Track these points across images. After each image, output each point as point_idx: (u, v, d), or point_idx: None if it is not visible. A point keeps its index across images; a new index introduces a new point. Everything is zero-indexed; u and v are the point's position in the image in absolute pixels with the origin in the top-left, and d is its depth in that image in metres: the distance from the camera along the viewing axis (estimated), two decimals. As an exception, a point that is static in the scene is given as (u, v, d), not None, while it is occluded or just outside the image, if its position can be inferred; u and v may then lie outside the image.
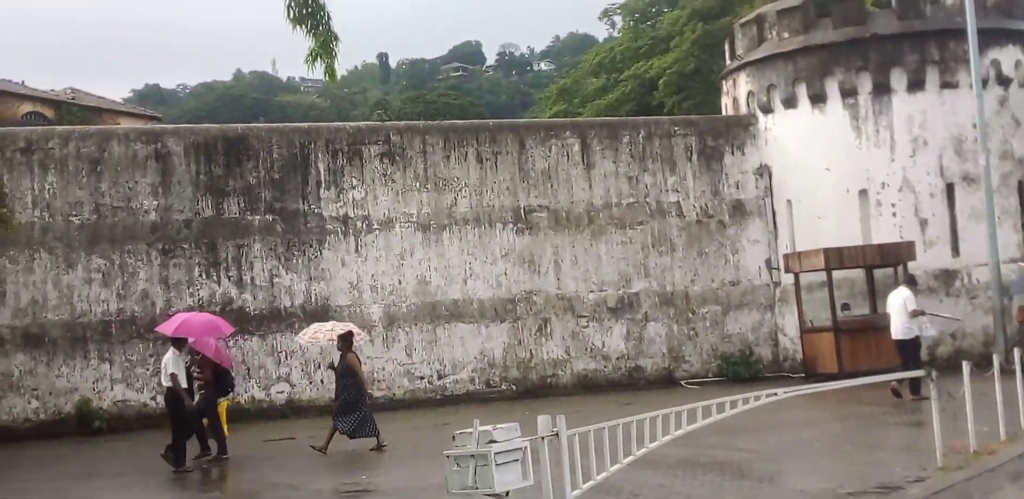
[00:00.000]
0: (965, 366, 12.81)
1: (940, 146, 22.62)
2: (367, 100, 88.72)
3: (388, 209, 22.57)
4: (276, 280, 21.90)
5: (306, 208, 22.20)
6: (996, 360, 16.75)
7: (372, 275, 22.33)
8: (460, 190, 22.97)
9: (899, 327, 17.36)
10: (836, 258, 21.14)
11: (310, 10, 9.16)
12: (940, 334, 22.06)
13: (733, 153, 24.55)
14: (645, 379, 23.38)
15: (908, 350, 17.24)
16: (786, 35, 24.01)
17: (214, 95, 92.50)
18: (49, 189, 21.05)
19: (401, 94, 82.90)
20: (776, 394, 9.36)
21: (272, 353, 21.69)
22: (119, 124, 37.13)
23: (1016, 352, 13.47)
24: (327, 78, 9.64)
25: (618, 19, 42.77)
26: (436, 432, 16.70)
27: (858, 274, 22.69)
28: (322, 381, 21.67)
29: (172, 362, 15.10)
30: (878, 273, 22.54)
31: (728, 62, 26.35)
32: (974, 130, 21.92)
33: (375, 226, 22.47)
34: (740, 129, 24.74)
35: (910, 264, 21.80)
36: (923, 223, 22.62)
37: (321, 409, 21.34)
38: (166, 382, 15.23)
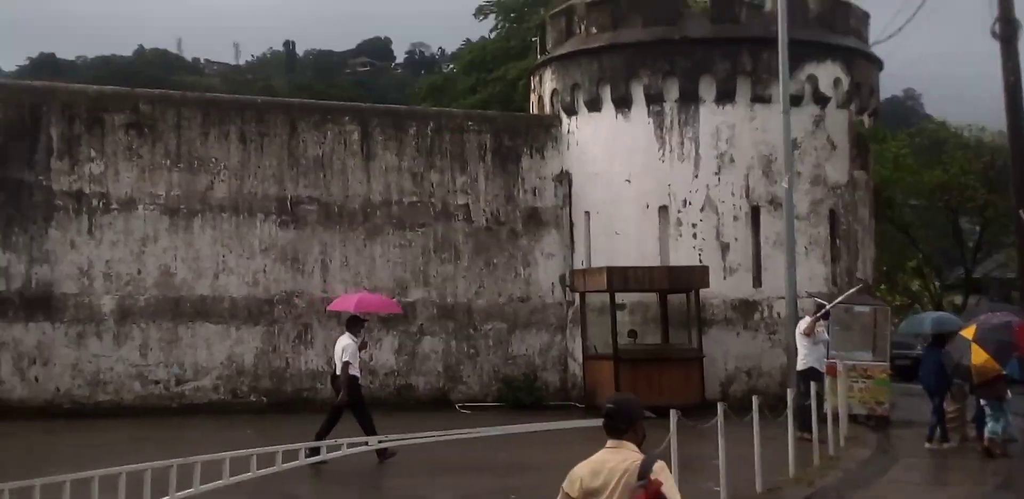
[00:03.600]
0: (755, 402, 13.98)
1: (747, 165, 24.11)
2: (271, 87, 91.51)
3: (131, 188, 22.51)
4: (-10, 260, 21.57)
5: (33, 179, 21.92)
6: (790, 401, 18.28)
7: (107, 261, 22.21)
8: (218, 173, 23.11)
9: (798, 359, 19.09)
10: (620, 279, 22.26)
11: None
12: (735, 372, 23.59)
13: (532, 156, 25.53)
14: (416, 399, 23.93)
15: (807, 383, 18.35)
16: (594, 30, 25.21)
17: (110, 69, 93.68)
18: None
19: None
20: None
21: (-23, 345, 21.31)
22: None
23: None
24: None
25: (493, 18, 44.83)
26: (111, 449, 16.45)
27: (653, 299, 23.96)
28: (36, 379, 21.43)
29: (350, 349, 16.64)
30: (673, 300, 23.84)
31: (539, 57, 27.45)
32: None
33: (114, 206, 22.37)
34: (541, 130, 25.78)
35: (704, 292, 23.22)
36: (725, 248, 24.01)
37: (33, 411, 21.09)
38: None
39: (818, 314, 19.20)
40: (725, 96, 24.20)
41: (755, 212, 24.10)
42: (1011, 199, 21.99)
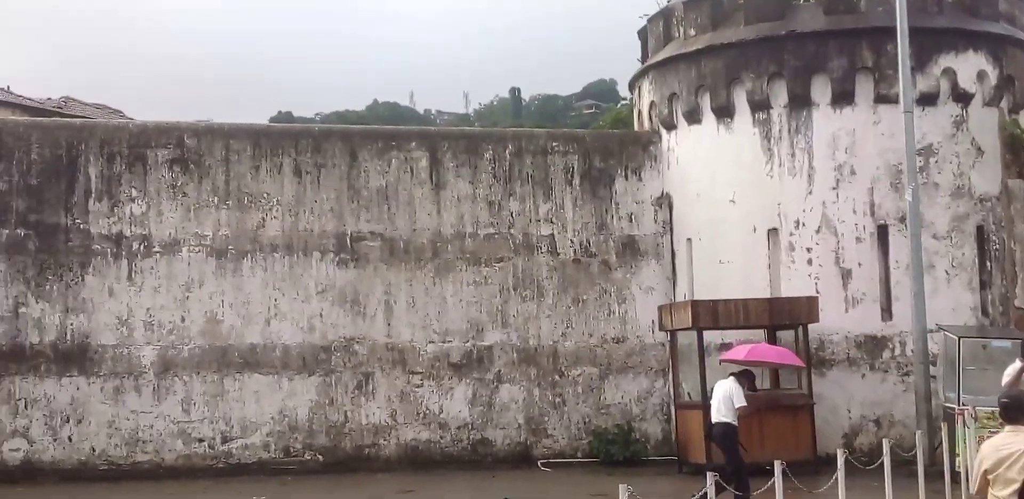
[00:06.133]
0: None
1: (871, 177, 20.54)
2: None
3: (175, 228, 20.92)
4: (22, 310, 20.25)
5: (69, 223, 20.61)
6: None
7: (147, 309, 20.62)
8: (270, 209, 21.26)
9: None
10: (708, 314, 19.05)
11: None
12: (861, 421, 20.13)
13: (627, 178, 22.66)
14: (493, 456, 21.35)
15: None
16: (692, 33, 22.23)
17: (342, 123, 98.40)
18: None
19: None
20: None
21: (8, 401, 19.98)
22: None
23: None
24: None
25: None
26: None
27: (761, 337, 20.59)
28: (70, 438, 19.97)
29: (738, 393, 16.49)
30: (786, 337, 20.44)
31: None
32: (918, 158, 19.96)
33: (156, 249, 20.81)
34: (638, 148, 22.88)
35: (822, 327, 19.83)
36: (846, 275, 20.46)
37: (66, 473, 19.67)
38: (725, 417, 16.39)
39: None
40: (842, 98, 20.76)
41: (882, 232, 20.50)
42: None
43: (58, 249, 20.51)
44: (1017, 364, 15.51)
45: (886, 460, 15.32)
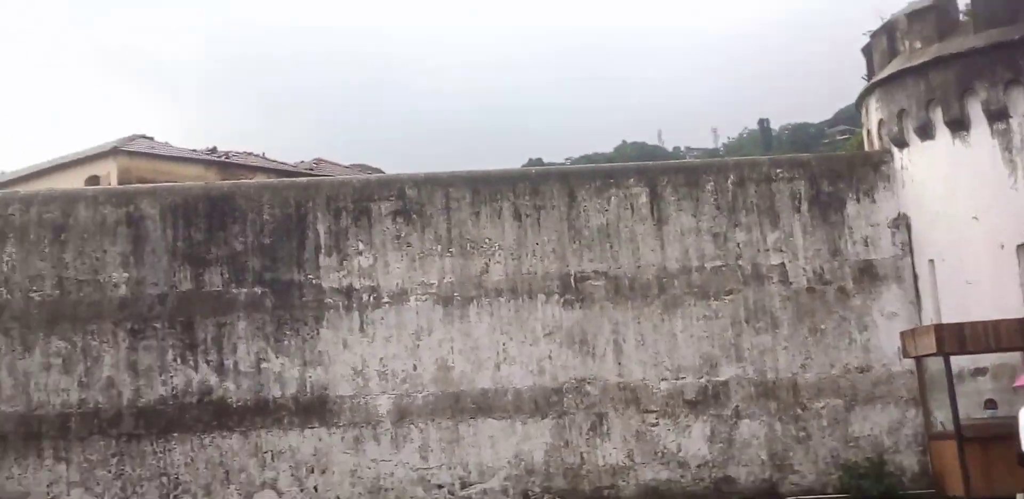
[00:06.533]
0: None
1: None
2: None
3: (402, 279, 21.27)
4: (264, 365, 20.94)
5: (302, 279, 21.25)
6: None
7: (380, 359, 21.00)
8: (492, 254, 21.38)
9: None
10: (954, 338, 17.95)
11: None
12: None
13: (859, 200, 21.68)
14: (739, 493, 20.66)
15: None
16: (918, 45, 21.14)
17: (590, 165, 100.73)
18: (7, 261, 21.11)
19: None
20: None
21: (255, 453, 20.65)
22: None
23: None
24: None
25: None
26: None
27: (1016, 360, 19.28)
28: (315, 488, 20.47)
29: None
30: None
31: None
32: None
33: (385, 299, 21.20)
34: (868, 169, 21.87)
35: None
36: (1109, 289, 18.97)
37: (313, 525, 20.20)
38: None
39: None
40: (1088, 100, 19.32)
41: None
42: None
43: (293, 305, 21.17)
44: None
45: None
